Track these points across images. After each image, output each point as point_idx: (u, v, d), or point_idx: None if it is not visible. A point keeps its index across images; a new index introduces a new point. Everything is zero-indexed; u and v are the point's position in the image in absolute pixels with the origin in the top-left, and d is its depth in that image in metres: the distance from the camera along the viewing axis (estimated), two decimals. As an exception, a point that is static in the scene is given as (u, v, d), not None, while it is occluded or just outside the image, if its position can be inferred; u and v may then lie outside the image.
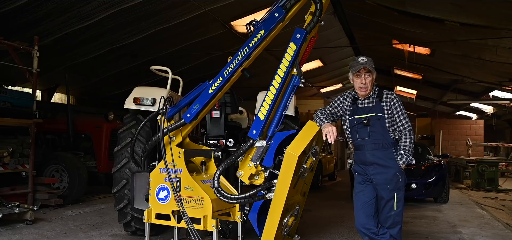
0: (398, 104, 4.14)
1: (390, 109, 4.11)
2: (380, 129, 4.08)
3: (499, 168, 15.34)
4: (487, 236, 6.88)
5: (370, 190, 4.18)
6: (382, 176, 4.08)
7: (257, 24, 4.62)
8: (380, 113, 4.10)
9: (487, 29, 9.64)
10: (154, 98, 5.72)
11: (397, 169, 4.07)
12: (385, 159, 4.05)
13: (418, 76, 18.71)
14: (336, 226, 7.30)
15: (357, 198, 4.27)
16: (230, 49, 11.08)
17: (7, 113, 7.33)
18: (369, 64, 4.10)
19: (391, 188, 4.07)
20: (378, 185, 4.11)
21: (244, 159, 4.60)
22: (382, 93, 4.18)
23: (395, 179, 4.07)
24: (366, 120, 4.11)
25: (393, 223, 4.12)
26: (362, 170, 4.21)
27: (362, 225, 4.19)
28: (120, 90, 14.79)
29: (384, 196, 4.09)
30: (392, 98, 4.14)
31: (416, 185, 9.98)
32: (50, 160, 9.17)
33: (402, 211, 4.12)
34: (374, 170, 4.11)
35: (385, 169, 4.07)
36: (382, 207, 4.13)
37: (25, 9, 8.35)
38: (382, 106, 4.11)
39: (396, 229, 4.16)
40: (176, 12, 10.00)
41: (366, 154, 4.12)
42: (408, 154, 4.04)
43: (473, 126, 22.64)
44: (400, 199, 4.09)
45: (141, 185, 4.87)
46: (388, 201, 4.09)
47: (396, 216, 4.09)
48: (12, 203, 6.73)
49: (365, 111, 4.16)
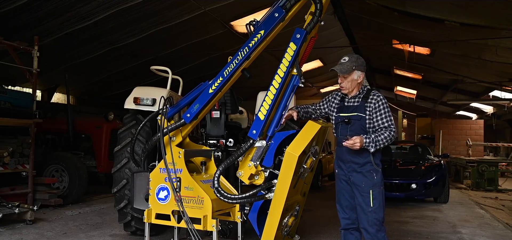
0: (383, 106, 4.13)
1: (372, 110, 4.14)
2: (359, 129, 4.14)
3: (499, 168, 15.33)
4: (487, 236, 6.88)
5: (349, 188, 4.26)
6: (358, 174, 4.15)
7: (257, 24, 4.62)
8: (362, 114, 4.15)
9: (487, 29, 9.64)
10: (154, 98, 5.72)
11: (371, 168, 4.12)
12: (360, 158, 4.11)
13: (418, 76, 18.71)
14: (336, 226, 7.26)
15: (339, 196, 4.37)
16: (230, 49, 11.09)
17: (7, 113, 7.33)
18: (343, 68, 4.19)
19: (366, 185, 4.11)
20: (354, 183, 4.18)
21: (244, 159, 4.60)
22: (369, 94, 4.22)
23: (370, 176, 4.12)
24: (347, 119, 4.19)
25: (371, 222, 4.08)
26: (340, 166, 4.30)
27: (345, 226, 4.36)
28: (120, 90, 14.80)
29: (360, 193, 4.14)
30: (377, 99, 4.16)
31: (416, 185, 9.97)
32: (50, 160, 9.17)
33: (379, 209, 4.10)
34: (350, 168, 4.19)
35: (360, 167, 4.13)
36: (359, 205, 4.17)
37: (25, 9, 8.35)
38: (366, 107, 4.16)
39: (380, 235, 4.09)
40: (176, 12, 10.00)
41: (343, 152, 4.21)
42: (374, 141, 3.99)
43: (473, 126, 22.64)
44: (376, 197, 4.10)
45: (141, 185, 4.87)
46: (364, 198, 4.12)
47: (373, 214, 4.08)
48: (12, 203, 6.73)
49: (349, 110, 4.24)
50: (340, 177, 4.34)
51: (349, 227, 4.35)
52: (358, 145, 3.95)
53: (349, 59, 4.25)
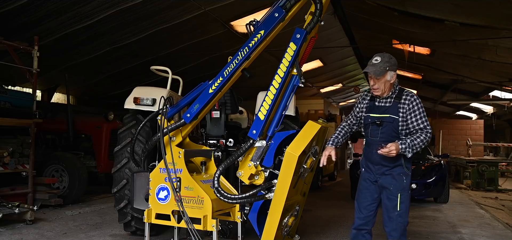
0: (418, 106, 4.01)
1: (406, 112, 4.00)
2: (391, 131, 4.03)
3: (499, 168, 15.34)
4: (487, 236, 6.88)
5: (373, 190, 4.17)
6: (387, 177, 4.06)
7: (257, 24, 4.62)
8: (395, 116, 4.01)
9: (487, 29, 9.64)
10: (154, 98, 5.72)
11: (402, 171, 4.03)
12: (391, 160, 3.99)
13: (418, 76, 18.71)
14: (336, 226, 7.30)
15: (360, 195, 4.26)
16: (230, 49, 11.08)
17: (7, 113, 7.32)
18: (376, 71, 3.97)
19: (395, 188, 4.03)
20: (383, 185, 4.09)
21: (244, 159, 4.60)
22: (402, 94, 4.07)
23: (400, 179, 4.03)
24: (379, 122, 4.06)
25: (396, 226, 4.04)
26: (369, 167, 4.20)
27: (358, 226, 4.23)
28: (120, 90, 14.78)
29: (387, 196, 4.06)
30: (411, 100, 4.02)
31: (416, 185, 9.97)
32: (50, 160, 9.17)
33: (405, 214, 4.04)
34: (379, 170, 4.10)
35: (390, 170, 4.04)
36: (385, 208, 4.09)
37: (25, 9, 8.35)
38: (399, 108, 4.02)
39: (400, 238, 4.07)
40: (176, 12, 10.00)
41: (373, 153, 4.08)
42: (410, 146, 3.88)
43: (473, 126, 22.65)
44: (404, 201, 4.01)
45: (141, 185, 4.86)
46: (391, 201, 4.04)
47: (398, 217, 4.02)
48: (12, 203, 6.72)
49: (380, 111, 4.09)
50: (365, 177, 4.23)
51: (362, 228, 4.22)
52: (394, 152, 3.82)
53: (381, 59, 4.00)
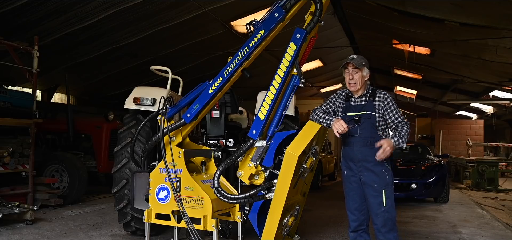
0: (392, 103, 4.20)
1: (382, 109, 4.18)
2: (370, 127, 4.16)
3: (499, 168, 15.33)
4: (487, 236, 6.88)
5: (359, 189, 4.25)
6: (369, 173, 4.15)
7: (257, 24, 4.62)
8: (371, 112, 4.17)
9: (487, 29, 9.65)
10: (154, 98, 5.72)
11: (383, 167, 4.12)
12: (372, 156, 4.09)
13: (418, 76, 18.72)
14: (336, 226, 7.30)
15: (348, 199, 4.36)
16: (230, 49, 11.09)
17: (7, 113, 7.33)
18: (357, 61, 4.21)
19: (379, 185, 4.12)
20: (366, 182, 4.17)
21: (244, 159, 4.60)
22: (375, 92, 4.26)
23: (382, 175, 4.13)
24: (357, 118, 4.19)
25: (384, 221, 4.13)
26: (350, 166, 4.28)
27: (355, 228, 4.33)
28: (120, 90, 14.79)
29: (372, 193, 4.14)
30: (385, 97, 4.21)
31: (416, 185, 9.97)
32: (50, 160, 9.16)
33: (392, 209, 4.14)
34: (361, 167, 4.18)
35: (372, 166, 4.13)
36: (371, 206, 4.18)
37: (25, 9, 8.35)
38: (374, 105, 4.19)
39: (391, 235, 4.15)
40: (176, 12, 10.00)
41: (354, 151, 4.21)
42: (401, 137, 4.05)
43: (473, 126, 22.65)
44: (389, 196, 4.12)
45: (141, 185, 4.86)
46: (376, 198, 4.13)
47: (385, 213, 4.11)
48: (12, 203, 6.73)
49: (357, 109, 4.24)
50: (348, 178, 4.31)
51: (359, 229, 4.34)
52: (388, 150, 3.97)
53: (357, 55, 4.31)
